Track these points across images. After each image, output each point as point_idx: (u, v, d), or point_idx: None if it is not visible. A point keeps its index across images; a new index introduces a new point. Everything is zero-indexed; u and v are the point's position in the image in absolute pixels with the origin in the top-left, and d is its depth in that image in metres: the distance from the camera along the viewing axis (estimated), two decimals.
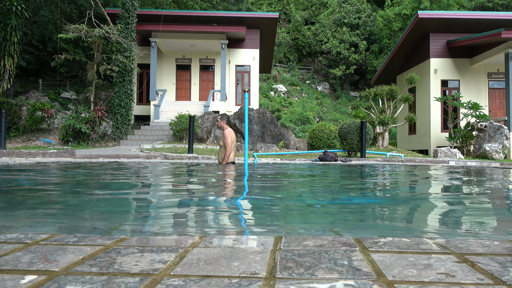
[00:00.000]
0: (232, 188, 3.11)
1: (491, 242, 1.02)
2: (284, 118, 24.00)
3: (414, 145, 17.53)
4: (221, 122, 5.77)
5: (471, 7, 28.47)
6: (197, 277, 0.74)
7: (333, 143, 11.68)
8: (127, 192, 2.78)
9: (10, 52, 13.17)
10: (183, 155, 8.69)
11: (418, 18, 15.13)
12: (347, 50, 29.30)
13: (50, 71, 20.69)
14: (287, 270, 0.77)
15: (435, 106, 15.75)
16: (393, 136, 24.64)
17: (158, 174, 4.56)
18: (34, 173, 4.30)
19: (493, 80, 16.04)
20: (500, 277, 0.74)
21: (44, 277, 0.73)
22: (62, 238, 1.04)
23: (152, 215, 1.85)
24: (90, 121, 13.15)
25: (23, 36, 17.09)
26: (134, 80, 15.33)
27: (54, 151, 7.98)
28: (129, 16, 14.57)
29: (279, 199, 2.46)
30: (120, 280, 0.72)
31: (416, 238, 1.05)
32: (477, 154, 11.25)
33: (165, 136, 14.19)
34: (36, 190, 2.70)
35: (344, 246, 0.96)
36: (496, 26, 15.18)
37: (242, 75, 18.23)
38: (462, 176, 4.84)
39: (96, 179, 3.70)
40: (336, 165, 7.17)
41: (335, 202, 2.42)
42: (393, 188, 3.42)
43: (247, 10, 29.40)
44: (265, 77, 29.66)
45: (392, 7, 28.85)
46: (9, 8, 13.08)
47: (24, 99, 15.32)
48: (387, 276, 0.74)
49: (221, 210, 1.99)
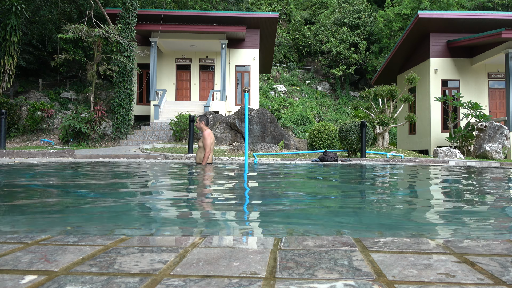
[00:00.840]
0: (232, 188, 3.11)
1: (491, 242, 1.02)
2: (284, 118, 24.00)
3: (414, 145, 17.53)
4: (200, 123, 5.72)
5: (471, 7, 28.47)
6: (197, 277, 0.74)
7: (333, 143, 11.68)
8: (127, 192, 2.78)
9: (10, 52, 13.17)
10: (183, 155, 8.69)
11: (418, 18, 15.13)
12: (347, 50, 29.30)
13: (50, 71, 20.70)
14: (287, 270, 0.77)
15: (435, 106, 15.75)
16: (393, 136, 24.65)
17: (158, 174, 4.56)
18: (33, 173, 4.30)
19: (493, 80, 16.04)
20: (500, 277, 0.74)
21: (44, 277, 0.73)
22: (62, 238, 1.04)
23: (152, 215, 1.85)
24: (90, 121, 13.15)
25: (23, 36, 17.10)
26: (134, 80, 15.33)
27: (54, 151, 7.98)
28: (129, 16, 14.57)
29: (279, 199, 2.46)
30: (120, 280, 0.72)
31: (416, 238, 1.05)
32: (477, 154, 11.25)
33: (165, 136, 14.19)
34: (34, 190, 2.70)
35: (344, 246, 0.96)
36: (496, 26, 15.18)
37: (242, 75, 18.23)
38: (462, 176, 4.84)
39: (96, 179, 3.70)
40: (336, 165, 7.17)
41: (335, 201, 2.42)
42: (393, 188, 3.42)
43: (247, 10, 29.41)
44: (265, 77, 29.66)
45: (392, 7, 28.84)
46: (9, 8, 13.08)
47: (24, 99, 15.32)
48: (387, 276, 0.74)
49: (221, 210, 1.99)
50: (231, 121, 13.41)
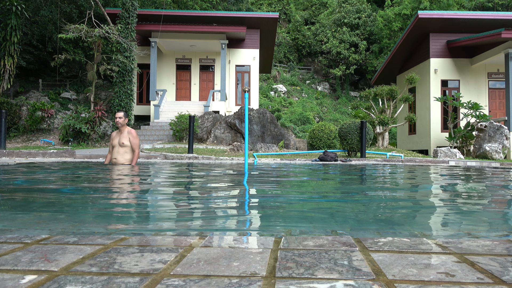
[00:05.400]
0: (231, 188, 3.11)
1: (491, 242, 1.02)
2: (284, 118, 24.01)
3: (414, 145, 17.53)
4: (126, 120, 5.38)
5: (471, 7, 28.47)
6: (197, 277, 0.74)
7: (333, 143, 11.68)
8: (126, 192, 2.78)
9: (10, 52, 13.17)
10: (183, 155, 8.69)
11: (418, 18, 15.14)
12: (347, 50, 29.30)
13: (50, 71, 20.70)
14: (287, 270, 0.77)
15: (435, 106, 15.75)
16: (393, 136, 24.65)
17: (157, 174, 4.56)
18: (32, 173, 4.30)
19: (493, 80, 16.05)
20: (500, 276, 0.74)
21: (44, 277, 0.73)
22: (62, 238, 1.04)
23: (152, 215, 1.85)
24: (90, 121, 13.15)
25: (23, 36, 17.10)
26: (134, 80, 15.33)
27: (54, 151, 7.98)
28: (129, 16, 14.57)
29: (279, 199, 2.46)
30: (120, 280, 0.72)
31: (416, 238, 1.05)
32: (477, 154, 11.25)
33: (165, 136, 14.19)
34: (32, 190, 2.70)
35: (344, 246, 0.96)
36: (496, 26, 15.19)
37: (242, 75, 18.23)
38: (462, 176, 4.84)
39: (95, 179, 3.70)
40: (336, 165, 7.17)
41: (335, 201, 2.42)
42: (393, 188, 3.42)
43: (247, 10, 29.41)
44: (265, 77, 29.66)
45: (392, 7, 28.85)
46: (9, 8, 13.08)
47: (24, 99, 15.32)
48: (387, 275, 0.74)
49: (221, 210, 1.99)
50: (231, 121, 13.41)
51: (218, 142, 13.26)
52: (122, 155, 5.35)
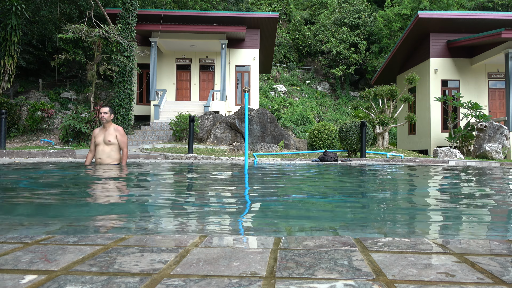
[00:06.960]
0: (231, 188, 3.11)
1: (491, 242, 1.02)
2: (284, 118, 24.01)
3: (414, 145, 17.53)
4: (111, 116, 4.95)
5: (471, 7, 28.48)
6: (197, 277, 0.74)
7: (333, 143, 11.68)
8: (126, 191, 2.78)
9: (10, 52, 13.17)
10: (183, 155, 8.69)
11: (418, 18, 15.13)
12: (347, 50, 29.31)
13: (50, 71, 20.70)
14: (287, 270, 0.77)
15: (435, 106, 15.75)
16: (393, 136, 24.65)
17: (157, 174, 4.56)
18: (31, 173, 4.30)
19: (493, 80, 16.05)
20: (500, 276, 0.74)
21: (44, 277, 0.73)
22: (62, 238, 1.04)
23: (151, 214, 1.85)
24: (90, 121, 13.15)
25: (23, 36, 17.10)
26: (134, 80, 15.33)
27: (54, 151, 7.98)
28: (129, 16, 14.57)
29: (279, 199, 2.46)
30: (120, 280, 0.72)
31: (416, 238, 1.05)
32: (477, 154, 11.25)
33: (165, 136, 14.19)
34: (31, 190, 2.70)
35: (344, 246, 0.96)
36: (496, 26, 15.19)
37: (242, 75, 18.24)
38: (462, 176, 4.84)
39: (95, 179, 3.70)
40: (336, 165, 7.17)
41: (335, 201, 2.42)
42: (393, 188, 3.42)
43: (247, 10, 29.41)
44: (265, 77, 29.67)
45: (392, 7, 28.86)
46: (9, 8, 13.08)
47: (24, 99, 15.32)
48: (387, 276, 0.74)
49: (221, 210, 1.99)
50: (231, 121, 13.41)
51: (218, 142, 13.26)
52: (108, 154, 4.89)
